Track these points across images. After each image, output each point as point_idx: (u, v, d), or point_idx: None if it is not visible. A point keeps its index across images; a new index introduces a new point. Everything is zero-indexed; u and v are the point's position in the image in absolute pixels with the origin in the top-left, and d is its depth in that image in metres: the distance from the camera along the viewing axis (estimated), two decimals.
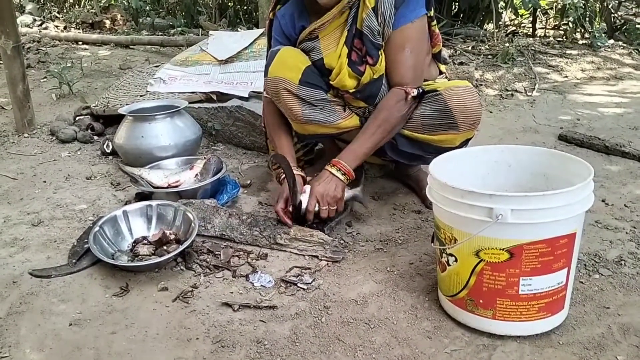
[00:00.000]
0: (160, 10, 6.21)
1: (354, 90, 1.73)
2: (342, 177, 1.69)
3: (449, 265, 1.31)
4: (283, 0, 1.83)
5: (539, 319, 1.26)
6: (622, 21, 4.85)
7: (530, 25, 5.08)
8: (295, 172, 1.73)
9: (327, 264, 1.62)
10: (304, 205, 1.69)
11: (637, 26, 4.54)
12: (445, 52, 3.50)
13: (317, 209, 1.69)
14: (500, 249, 1.20)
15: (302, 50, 1.78)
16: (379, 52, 1.66)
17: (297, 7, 1.78)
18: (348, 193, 1.77)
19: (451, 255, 1.29)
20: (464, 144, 1.75)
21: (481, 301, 1.27)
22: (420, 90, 1.68)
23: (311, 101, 1.74)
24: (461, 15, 4.79)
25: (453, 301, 1.33)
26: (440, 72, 1.94)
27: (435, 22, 1.80)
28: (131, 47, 4.64)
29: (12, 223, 1.87)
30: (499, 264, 1.22)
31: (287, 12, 1.80)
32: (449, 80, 1.99)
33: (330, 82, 1.75)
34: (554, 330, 1.29)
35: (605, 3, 4.70)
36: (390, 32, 1.64)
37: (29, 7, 6.62)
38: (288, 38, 1.81)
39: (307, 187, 1.73)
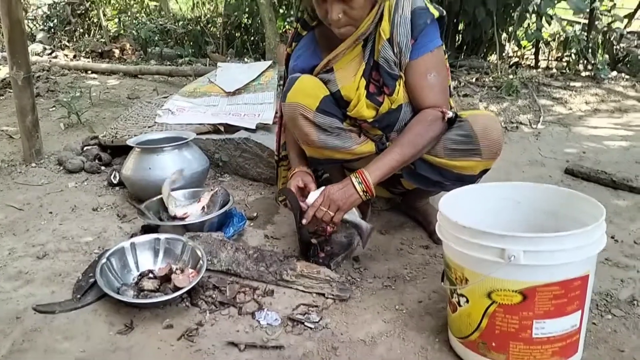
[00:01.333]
0: (169, 40, 6.31)
1: (372, 119, 1.74)
2: (359, 189, 1.60)
3: (460, 305, 1.29)
4: (297, 37, 1.86)
5: None
6: (625, 53, 4.90)
7: (533, 57, 5.14)
8: (304, 169, 1.80)
9: (335, 301, 1.60)
10: (310, 200, 1.65)
11: None
12: (450, 84, 3.53)
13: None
14: (513, 291, 1.18)
15: None
16: (396, 83, 1.68)
17: (310, 46, 1.83)
18: (354, 217, 1.70)
19: (462, 295, 1.27)
20: (482, 173, 1.75)
21: (494, 344, 1.25)
22: (455, 114, 1.68)
23: (327, 128, 1.75)
24: (465, 47, 4.85)
25: (465, 343, 1.31)
26: (450, 107, 1.95)
27: (446, 55, 1.82)
28: (139, 76, 4.70)
29: (17, 255, 1.86)
30: (511, 306, 1.20)
31: (300, 53, 1.84)
32: (457, 115, 1.99)
33: (348, 113, 1.76)
34: None
35: (607, 35, 4.76)
36: (409, 61, 1.66)
37: (40, 35, 6.75)
38: None
39: (320, 189, 1.68)
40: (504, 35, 4.90)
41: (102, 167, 2.63)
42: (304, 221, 1.66)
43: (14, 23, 2.52)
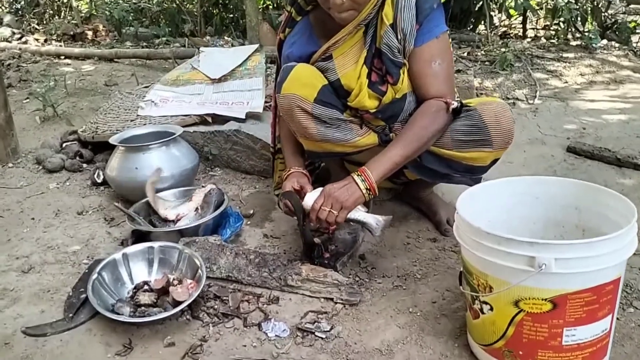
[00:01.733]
0: (144, 19, 6.05)
1: (375, 110, 1.63)
2: (362, 187, 1.51)
3: (482, 313, 1.21)
4: (291, 23, 1.73)
5: None
6: (613, 20, 4.82)
7: (520, 26, 5.03)
8: (300, 170, 1.70)
9: (344, 306, 1.52)
10: (309, 201, 1.55)
11: (628, 24, 4.51)
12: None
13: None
14: (542, 299, 1.11)
15: None
16: (400, 71, 1.57)
17: (305, 32, 1.70)
18: (360, 214, 1.57)
19: (486, 303, 1.20)
20: (493, 163, 1.66)
21: (521, 352, 1.18)
22: (460, 104, 1.57)
23: (326, 120, 1.64)
24: (453, 19, 4.71)
25: (488, 351, 1.24)
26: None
27: (450, 40, 1.71)
28: (116, 60, 4.48)
29: (1, 270, 1.73)
30: (541, 315, 1.12)
31: (295, 40, 1.72)
32: (461, 102, 1.89)
33: (349, 103, 1.65)
34: None
35: (595, 2, 4.66)
36: (414, 48, 1.55)
37: (7, 19, 6.41)
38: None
39: (319, 189, 1.58)
40: (492, 5, 4.77)
41: (84, 165, 2.48)
42: (311, 224, 1.56)
43: None
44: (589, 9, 4.59)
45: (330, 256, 1.67)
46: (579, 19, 4.46)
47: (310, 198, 1.56)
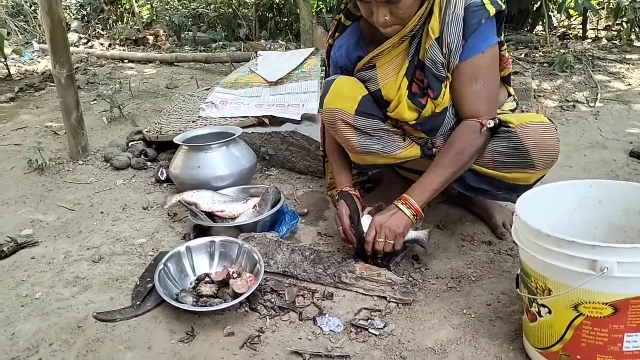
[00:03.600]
0: (201, 24, 6.26)
1: (414, 122, 1.64)
2: (408, 214, 1.57)
3: (540, 316, 1.21)
4: (340, 28, 1.76)
5: None
6: None
7: (580, 26, 4.87)
8: (350, 191, 1.71)
9: (398, 305, 1.54)
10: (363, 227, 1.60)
11: None
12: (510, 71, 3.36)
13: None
14: (603, 304, 1.09)
15: (358, 80, 1.71)
16: (442, 85, 1.56)
17: (353, 36, 1.72)
18: (411, 234, 1.65)
19: (543, 306, 1.19)
20: (537, 181, 1.63)
21: (578, 357, 1.16)
22: (497, 122, 1.56)
23: (368, 131, 1.66)
24: (510, 20, 4.62)
25: (544, 354, 1.23)
26: (509, 94, 1.83)
27: (505, 46, 1.69)
28: (176, 64, 4.67)
29: (73, 259, 1.86)
30: (601, 319, 1.11)
31: (343, 42, 1.74)
32: (517, 102, 1.87)
33: (388, 114, 1.66)
34: None
35: None
36: (458, 63, 1.53)
37: (74, 24, 6.79)
38: (343, 68, 1.75)
39: (368, 218, 1.65)
40: (551, 5, 4.64)
41: (149, 163, 2.62)
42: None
43: (55, 22, 2.50)
44: None
45: (383, 256, 1.70)
46: None
47: (364, 224, 1.62)
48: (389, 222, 1.56)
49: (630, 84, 3.30)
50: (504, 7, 1.53)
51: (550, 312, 1.18)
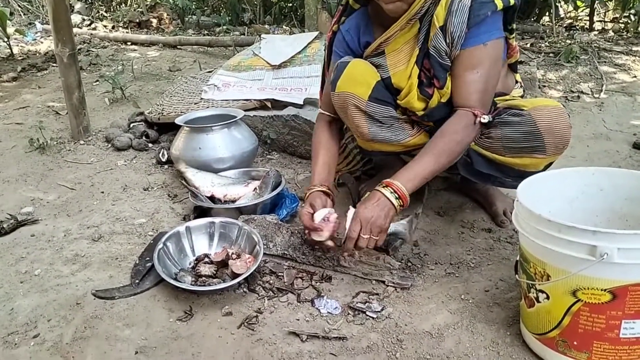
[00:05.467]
0: (205, 8, 6.21)
1: (422, 113, 1.62)
2: (394, 202, 1.45)
3: (538, 301, 1.21)
4: (347, 12, 1.73)
5: None
6: None
7: (587, 18, 4.82)
8: (321, 189, 1.61)
9: (396, 289, 1.54)
10: (346, 229, 1.48)
11: None
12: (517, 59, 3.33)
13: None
14: (601, 290, 1.09)
15: None
16: (447, 74, 1.54)
17: (361, 20, 1.69)
18: (392, 227, 1.55)
19: (542, 292, 1.19)
20: (546, 168, 1.62)
21: (575, 343, 1.16)
22: (491, 119, 1.53)
23: (379, 118, 1.64)
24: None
25: (541, 340, 1.23)
26: (516, 82, 1.81)
27: (514, 34, 1.67)
28: (179, 47, 4.64)
29: (73, 238, 1.86)
30: (599, 305, 1.11)
31: (351, 26, 1.70)
32: (524, 90, 1.86)
33: (398, 102, 1.65)
34: None
35: None
36: (458, 52, 1.50)
37: (78, 6, 6.74)
38: (354, 52, 1.71)
39: (351, 210, 1.53)
40: None
41: (150, 144, 2.61)
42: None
43: (58, 1, 2.48)
44: None
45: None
46: None
47: (345, 225, 1.50)
48: (375, 216, 1.44)
49: (635, 76, 3.27)
50: (513, 2, 1.48)
51: (548, 297, 1.18)
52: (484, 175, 1.68)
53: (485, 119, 1.52)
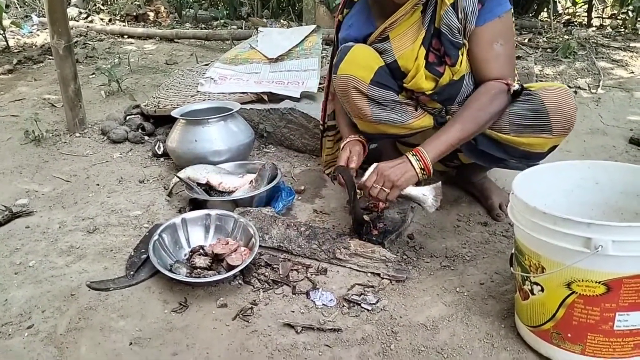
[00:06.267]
0: (203, 2, 6.18)
1: (431, 92, 1.62)
2: (417, 168, 1.50)
3: (532, 294, 1.21)
4: (349, 3, 1.73)
5: (634, 356, 1.15)
6: None
7: (585, 14, 4.82)
8: (356, 137, 1.71)
9: (391, 282, 1.54)
10: (363, 178, 1.55)
11: None
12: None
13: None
14: (596, 282, 1.09)
15: None
16: (459, 52, 1.55)
17: (362, 13, 1.70)
18: (410, 189, 1.54)
19: (536, 284, 1.19)
20: (551, 150, 1.63)
21: (569, 335, 1.17)
22: (521, 86, 1.55)
23: (381, 101, 1.64)
24: (515, 5, 4.57)
25: (536, 332, 1.23)
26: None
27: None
28: (176, 40, 4.62)
29: (68, 229, 1.85)
30: (593, 298, 1.11)
31: (352, 22, 1.71)
32: (521, 85, 1.85)
33: (405, 85, 1.64)
34: None
35: None
36: (475, 28, 1.52)
37: None
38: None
39: (375, 165, 1.57)
40: None
41: (146, 137, 2.60)
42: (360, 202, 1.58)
43: None
44: None
45: (378, 233, 1.70)
46: None
47: (366, 174, 1.57)
48: (391, 171, 1.51)
49: (633, 72, 3.27)
50: None
51: (542, 290, 1.18)
52: (487, 157, 1.67)
53: (517, 86, 1.54)
